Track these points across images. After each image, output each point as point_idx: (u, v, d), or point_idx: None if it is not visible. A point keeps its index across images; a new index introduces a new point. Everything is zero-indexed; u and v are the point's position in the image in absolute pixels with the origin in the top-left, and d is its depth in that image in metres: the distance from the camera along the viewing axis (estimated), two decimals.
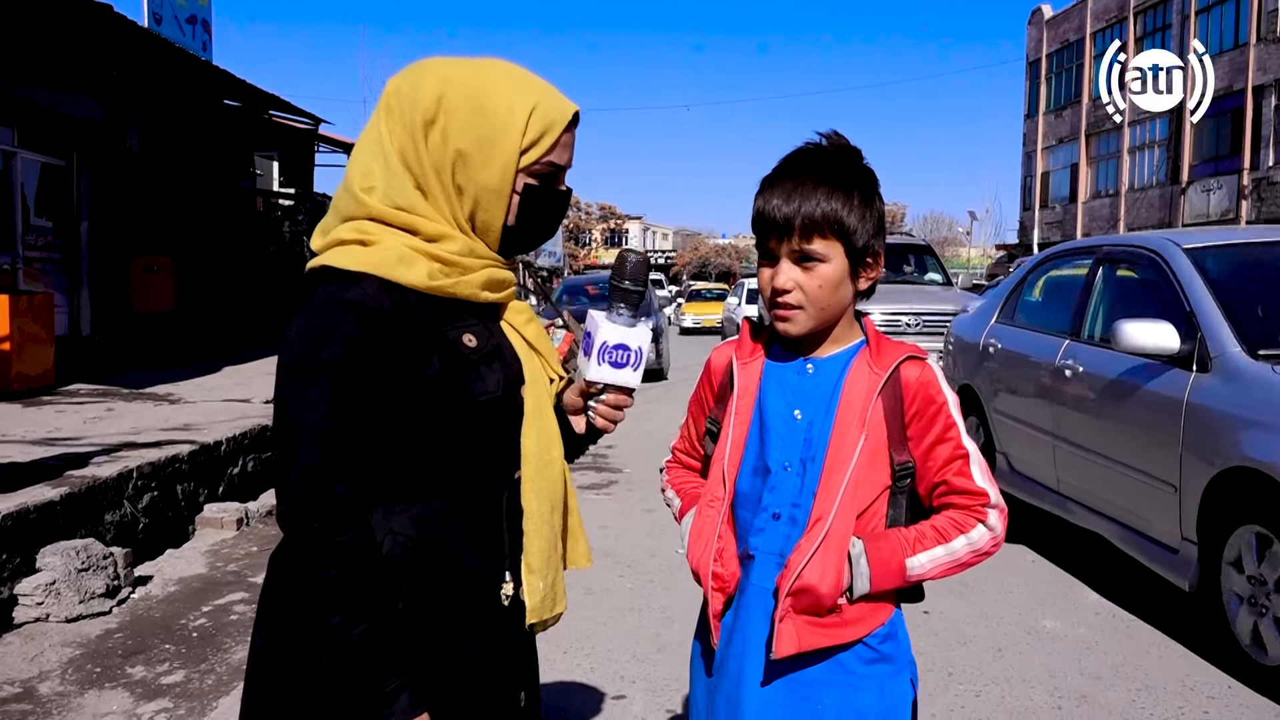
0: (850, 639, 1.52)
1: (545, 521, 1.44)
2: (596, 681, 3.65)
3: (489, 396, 1.38)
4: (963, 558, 1.53)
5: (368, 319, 1.29)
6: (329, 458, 1.27)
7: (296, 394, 1.28)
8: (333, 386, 1.27)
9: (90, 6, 9.83)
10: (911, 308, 10.95)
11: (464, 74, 1.38)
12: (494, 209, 1.39)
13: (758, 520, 1.57)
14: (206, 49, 14.98)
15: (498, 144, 1.36)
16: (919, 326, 10.72)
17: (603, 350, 1.47)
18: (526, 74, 1.43)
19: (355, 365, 1.28)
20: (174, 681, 3.70)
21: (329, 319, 1.29)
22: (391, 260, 1.32)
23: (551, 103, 1.40)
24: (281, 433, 1.29)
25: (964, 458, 1.54)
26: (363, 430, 1.30)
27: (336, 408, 1.27)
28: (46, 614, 4.26)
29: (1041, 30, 39.88)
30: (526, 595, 1.43)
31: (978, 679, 3.69)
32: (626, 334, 1.48)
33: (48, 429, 6.68)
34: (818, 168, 1.51)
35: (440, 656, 1.37)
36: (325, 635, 1.26)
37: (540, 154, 1.39)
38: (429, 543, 1.36)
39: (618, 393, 1.52)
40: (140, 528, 5.33)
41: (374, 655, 1.27)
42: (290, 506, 1.27)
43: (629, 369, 1.49)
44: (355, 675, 1.26)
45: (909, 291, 11.67)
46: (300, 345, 1.29)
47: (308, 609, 1.28)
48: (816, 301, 1.51)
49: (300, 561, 1.28)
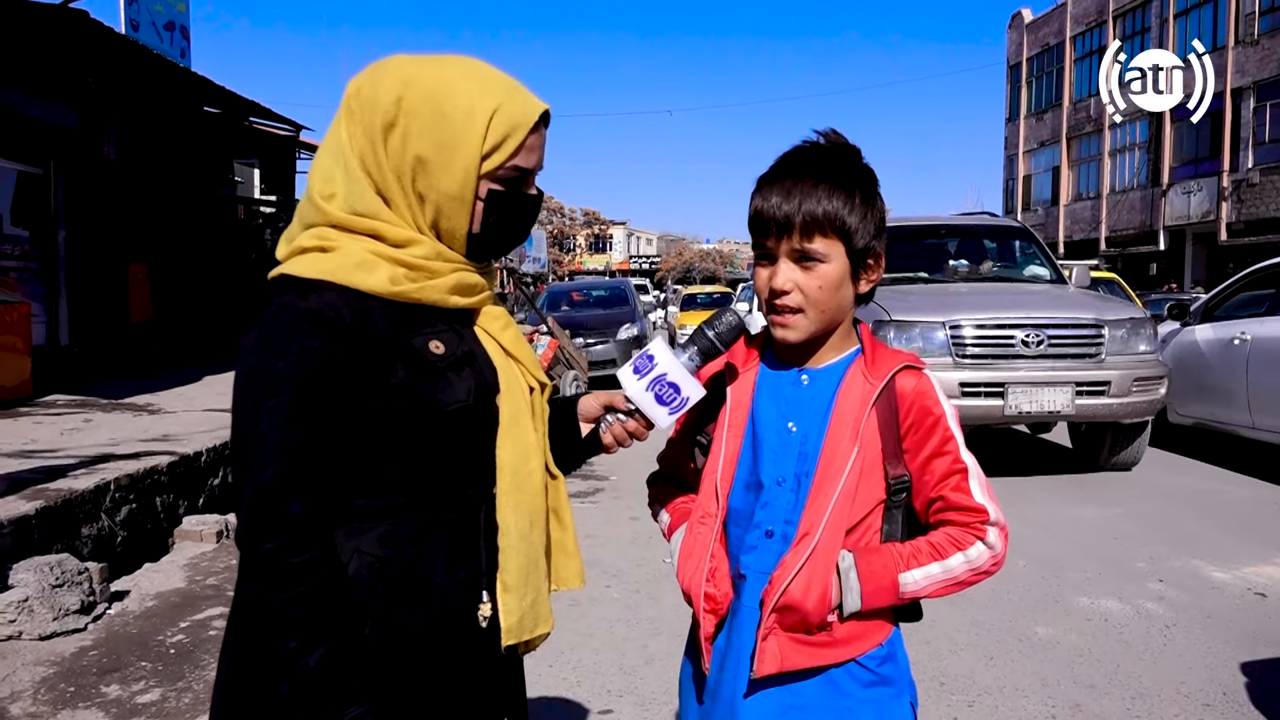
0: (842, 659, 1.46)
1: (523, 538, 1.37)
2: (582, 697, 3.57)
3: (458, 405, 1.31)
4: (961, 576, 1.47)
5: (325, 328, 1.23)
6: (285, 474, 1.21)
7: (251, 407, 1.23)
8: (289, 399, 1.21)
9: (66, 13, 9.72)
10: (1027, 316, 7.19)
11: (424, 74, 1.32)
12: (457, 217, 1.33)
13: (750, 538, 1.50)
14: (185, 55, 14.84)
15: (457, 149, 1.29)
16: (1043, 345, 7.05)
17: (658, 380, 1.45)
18: (491, 72, 1.36)
19: (313, 377, 1.22)
20: (150, 700, 3.60)
21: (285, 329, 1.23)
22: (350, 266, 1.27)
23: (515, 103, 1.33)
24: (237, 448, 1.24)
25: (962, 472, 1.47)
26: (322, 445, 1.23)
27: (293, 421, 1.21)
28: (19, 632, 4.16)
29: (1022, 34, 40.08)
30: (502, 616, 1.36)
31: (970, 688, 3.64)
32: (686, 380, 1.45)
33: (24, 441, 6.56)
34: (817, 166, 1.45)
35: (411, 682, 1.30)
36: (281, 661, 1.20)
37: (503, 159, 1.32)
38: (398, 563, 1.30)
39: (641, 422, 1.48)
40: (118, 541, 5.23)
41: (333, 682, 1.20)
42: (244, 526, 1.21)
43: (667, 409, 1.46)
44: (313, 703, 1.20)
45: (1013, 293, 8.06)
46: (255, 357, 1.24)
47: (264, 633, 1.22)
48: (817, 303, 1.45)
49: (254, 584, 1.22)
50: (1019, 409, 6.97)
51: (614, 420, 1.50)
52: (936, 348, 7.03)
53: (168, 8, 14.43)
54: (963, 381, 6.96)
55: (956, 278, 8.78)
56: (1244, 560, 5.27)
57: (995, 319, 7.20)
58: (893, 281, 8.09)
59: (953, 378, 6.92)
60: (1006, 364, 7.03)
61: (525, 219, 1.41)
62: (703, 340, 1.48)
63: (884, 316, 7.12)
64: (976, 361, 7.07)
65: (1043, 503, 6.78)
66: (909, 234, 9.31)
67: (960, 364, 7.05)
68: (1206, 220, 29.27)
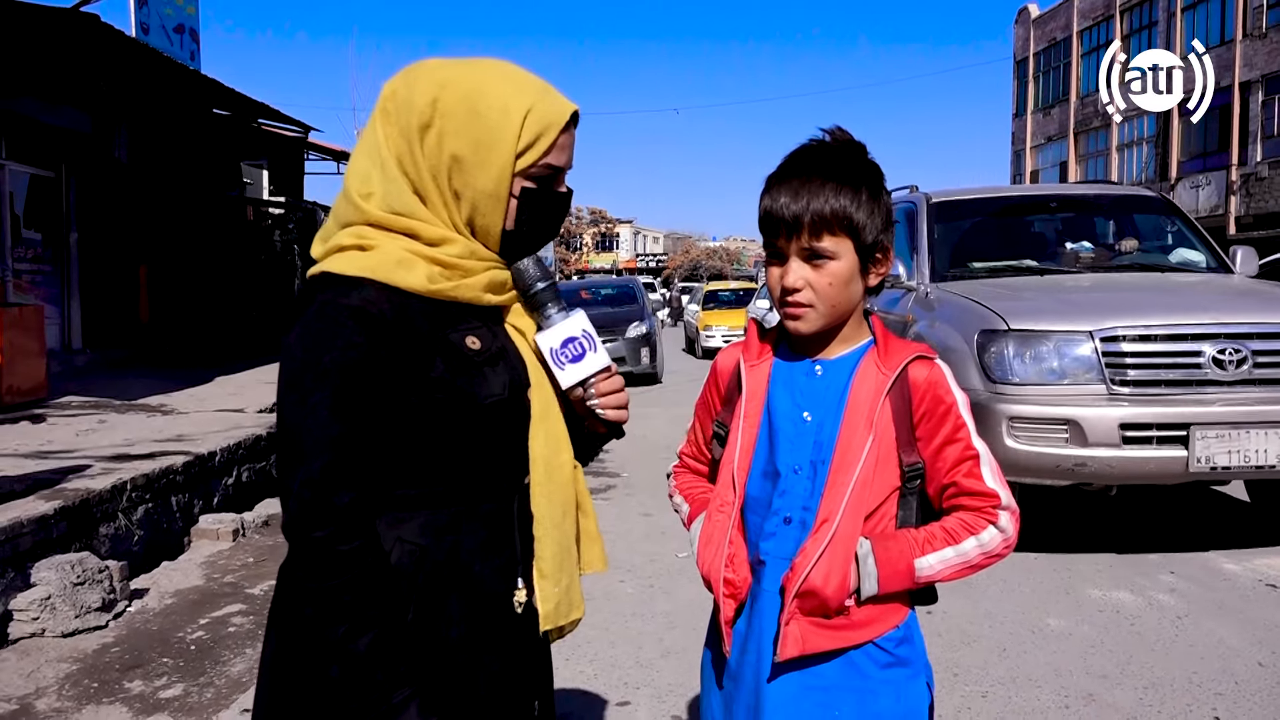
0: (860, 640, 1.50)
1: (556, 526, 1.41)
2: (600, 689, 3.62)
3: (494, 399, 1.36)
4: (973, 559, 1.51)
5: (368, 324, 1.27)
6: (331, 465, 1.25)
7: (297, 401, 1.26)
8: (334, 393, 1.25)
9: (77, 17, 9.78)
10: (1218, 322, 4.95)
11: (459, 76, 1.36)
12: (492, 214, 1.37)
13: (768, 525, 1.55)
14: (195, 58, 14.91)
15: (493, 148, 1.34)
16: (1245, 365, 4.83)
17: (554, 356, 1.44)
18: (523, 74, 1.40)
19: (357, 371, 1.26)
20: (173, 695, 3.66)
21: (328, 325, 1.27)
22: (390, 264, 1.31)
23: (548, 103, 1.37)
24: (283, 441, 1.28)
25: (974, 458, 1.52)
26: (366, 437, 1.27)
27: (338, 414, 1.25)
28: (42, 629, 4.22)
29: (1029, 29, 39.99)
30: (540, 602, 1.40)
31: (984, 679, 3.67)
32: (563, 329, 1.44)
33: (40, 442, 6.63)
34: (824, 164, 1.49)
35: (452, 666, 1.34)
36: (331, 646, 1.24)
37: (537, 157, 1.36)
38: (438, 551, 1.34)
39: (601, 379, 1.46)
40: (135, 540, 5.28)
41: (381, 666, 1.24)
42: (293, 515, 1.25)
43: (589, 354, 1.44)
44: (363, 687, 1.24)
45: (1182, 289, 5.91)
46: (300, 352, 1.27)
47: (313, 619, 1.26)
48: (827, 299, 1.49)
49: (304, 571, 1.26)
50: (1212, 462, 4.70)
51: (592, 403, 1.48)
52: (1082, 369, 4.90)
53: (177, 11, 14.50)
54: (1126, 423, 4.76)
55: (1078, 266, 6.45)
56: (1255, 552, 5.29)
57: (1171, 326, 4.90)
58: (989, 273, 6.25)
59: (1109, 417, 4.77)
60: (1192, 394, 4.83)
61: (556, 216, 1.45)
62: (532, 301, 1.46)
63: (996, 325, 5.04)
64: (1144, 392, 4.85)
65: None
66: (1005, 208, 7.26)
67: (1117, 395, 4.84)
68: (1215, 214, 29.18)
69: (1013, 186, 8.98)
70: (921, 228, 6.53)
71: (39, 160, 11.56)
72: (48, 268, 11.78)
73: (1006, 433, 4.85)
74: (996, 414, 4.87)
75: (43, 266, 11.72)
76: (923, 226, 6.53)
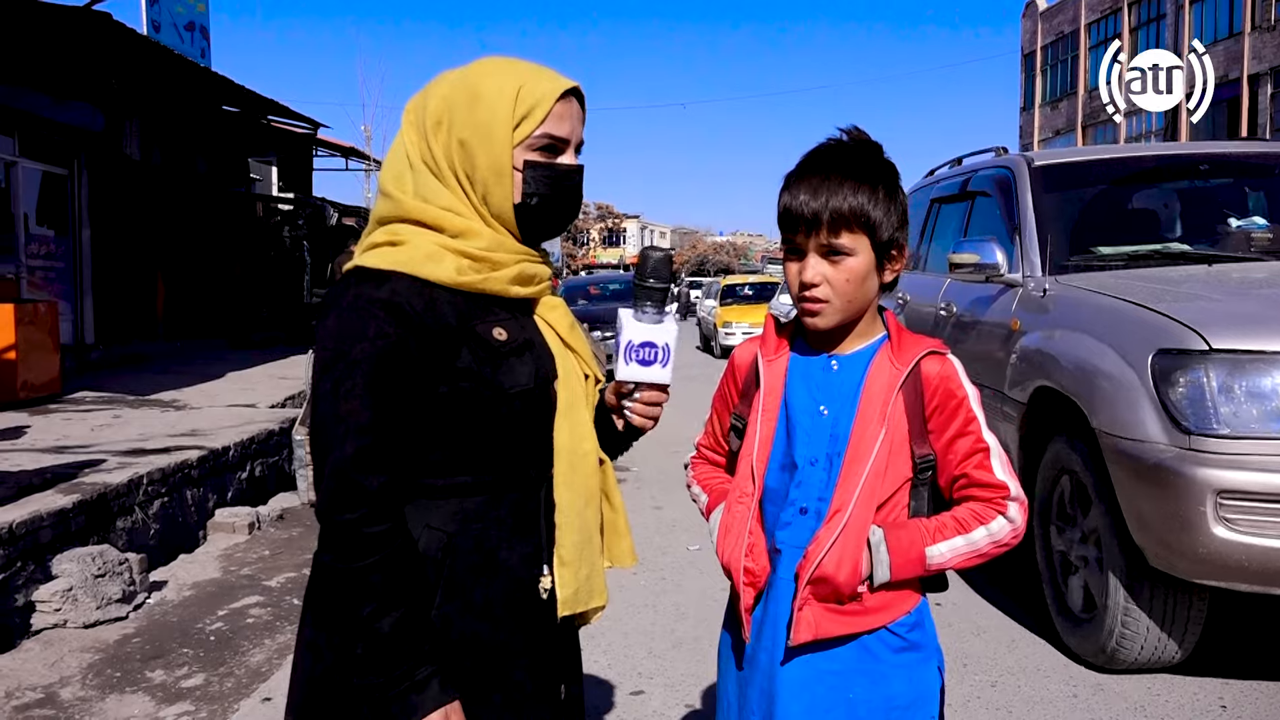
0: (872, 626, 1.56)
1: (578, 514, 1.46)
2: (613, 678, 3.67)
3: (520, 389, 1.41)
4: (983, 548, 1.56)
5: (397, 315, 1.33)
6: (362, 450, 1.31)
7: (331, 389, 1.33)
8: (365, 381, 1.31)
9: (89, 15, 9.85)
10: None
11: (464, 74, 1.46)
12: (499, 189, 1.43)
13: (785, 515, 1.60)
14: (205, 55, 14.99)
15: (492, 125, 1.41)
16: None
17: (629, 349, 1.49)
18: (520, 61, 1.48)
19: (387, 360, 1.32)
20: (194, 685, 3.72)
21: (360, 316, 1.34)
22: (420, 258, 1.37)
23: (540, 78, 1.45)
24: (318, 427, 1.34)
25: (984, 451, 1.57)
26: (396, 423, 1.33)
27: (368, 402, 1.31)
28: (64, 620, 4.29)
29: (1036, 22, 39.90)
30: (558, 588, 1.45)
31: (993, 669, 3.72)
32: (652, 331, 1.50)
33: (56, 437, 6.70)
34: (842, 163, 1.54)
35: (478, 649, 1.39)
36: (358, 624, 1.30)
37: (533, 127, 1.42)
38: (465, 537, 1.39)
39: (650, 389, 1.53)
40: (151, 534, 5.35)
41: (405, 644, 1.30)
42: (324, 498, 1.32)
43: (657, 365, 1.50)
44: (387, 663, 1.30)
45: None
46: (333, 342, 1.34)
47: (341, 599, 1.32)
48: (844, 294, 1.53)
49: (333, 552, 1.32)
50: None
51: (629, 403, 1.55)
52: None
53: (188, 9, 14.58)
54: None
55: (1252, 249, 4.71)
56: None
57: None
58: (1128, 261, 4.50)
59: None
60: None
61: (565, 186, 1.48)
62: (645, 290, 1.52)
63: (1188, 342, 3.30)
64: None
65: None
66: (1137, 174, 5.35)
67: None
68: None
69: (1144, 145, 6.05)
70: (1024, 201, 4.73)
71: (51, 157, 11.65)
72: (61, 264, 11.87)
73: (1213, 515, 3.08)
74: (1194, 485, 3.12)
75: (55, 263, 11.81)
76: (1026, 199, 4.73)
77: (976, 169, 5.61)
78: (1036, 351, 4.08)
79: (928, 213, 6.20)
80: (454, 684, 1.34)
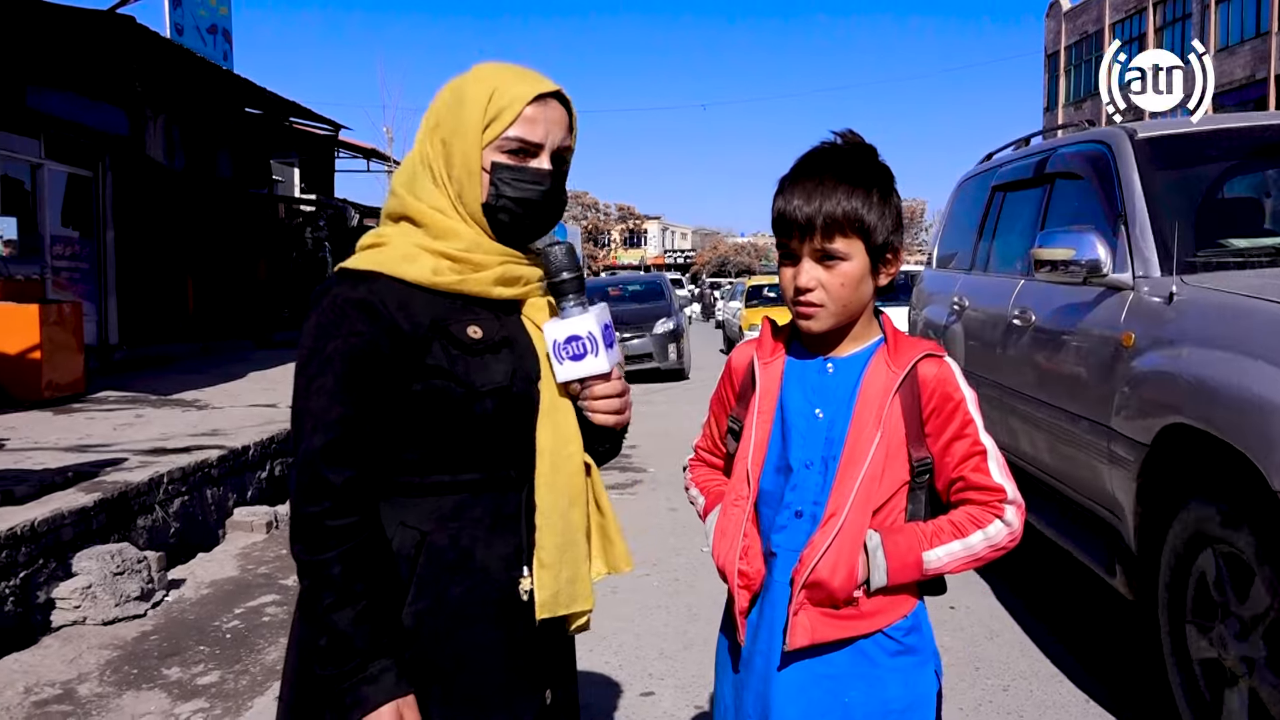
0: (869, 630, 1.55)
1: (561, 516, 1.46)
2: (624, 679, 3.68)
3: (493, 386, 1.42)
4: (979, 552, 1.55)
5: (370, 314, 1.38)
6: (329, 445, 1.34)
7: (304, 384, 1.38)
8: (336, 378, 1.36)
9: (113, 19, 9.97)
10: None
11: (460, 80, 1.50)
12: (470, 189, 1.46)
13: (780, 518, 1.60)
14: (227, 58, 15.12)
15: (465, 125, 1.45)
16: None
17: (556, 350, 1.47)
18: (509, 66, 1.51)
19: (358, 357, 1.36)
20: (209, 682, 3.76)
21: (335, 316, 1.38)
22: (396, 259, 1.42)
23: (517, 81, 1.47)
24: (292, 420, 1.39)
25: (981, 454, 1.56)
26: (366, 419, 1.36)
27: (339, 397, 1.35)
28: (84, 617, 4.34)
29: (1060, 23, 39.63)
30: (536, 589, 1.45)
31: (1005, 673, 3.70)
32: (571, 325, 1.47)
33: (79, 436, 6.78)
34: (836, 166, 1.53)
35: (450, 647, 1.40)
36: (319, 614, 1.33)
37: (501, 129, 1.45)
38: (441, 535, 1.41)
39: (596, 383, 1.49)
40: (171, 532, 5.41)
41: (362, 637, 1.31)
42: (293, 490, 1.36)
43: (589, 356, 1.46)
44: (343, 655, 1.31)
45: None
46: (310, 339, 1.39)
47: (305, 588, 1.35)
48: (839, 299, 1.53)
49: (299, 543, 1.35)
50: None
51: (585, 404, 1.51)
52: None
53: (211, 12, 14.71)
54: None
55: None
56: None
57: None
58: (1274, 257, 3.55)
59: None
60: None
61: (535, 190, 1.47)
62: (554, 289, 1.50)
63: None
64: None
65: None
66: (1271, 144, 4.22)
67: None
68: None
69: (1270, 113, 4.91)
70: (1129, 183, 3.81)
71: (76, 159, 11.79)
72: (85, 265, 12.01)
73: None
74: None
75: (80, 264, 11.95)
76: (1132, 181, 3.80)
77: (1055, 147, 4.73)
78: (1163, 375, 3.08)
79: (987, 203, 5.43)
80: (421, 681, 1.35)
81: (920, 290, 6.67)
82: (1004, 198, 5.23)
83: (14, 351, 8.53)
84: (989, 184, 5.44)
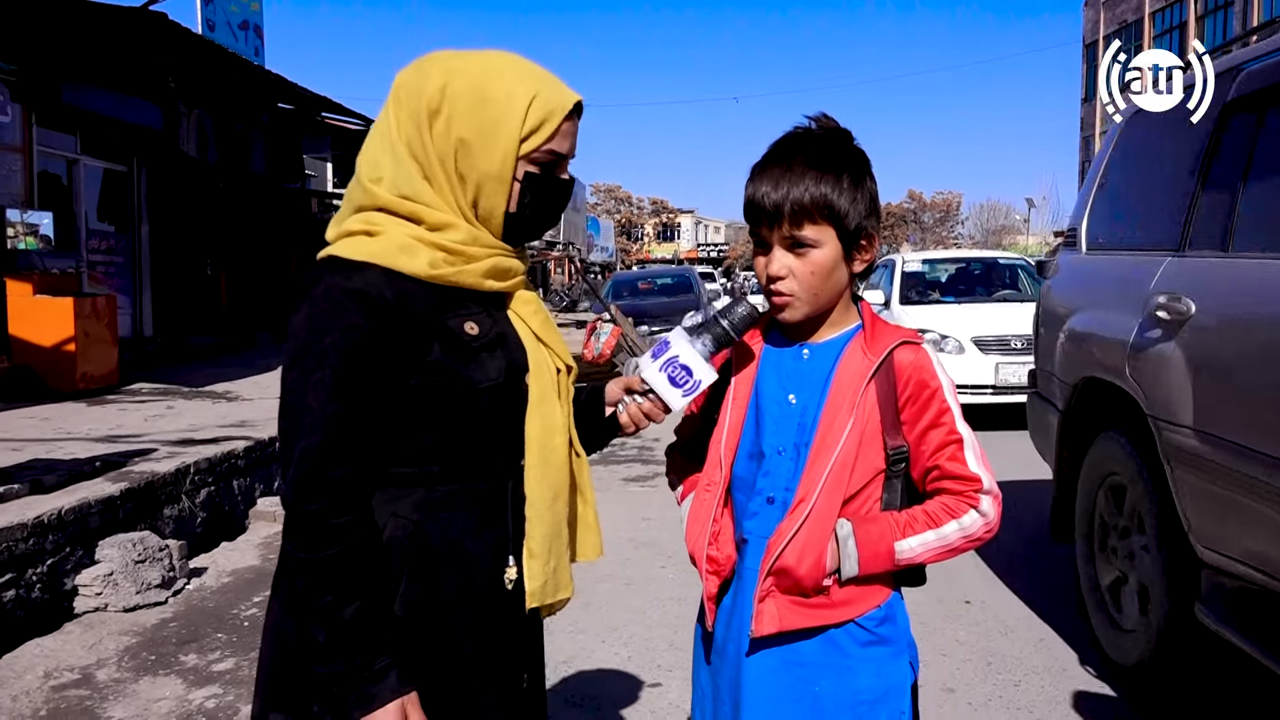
0: (839, 619, 1.53)
1: (548, 508, 1.46)
2: (634, 670, 3.69)
3: (490, 383, 1.41)
4: (954, 543, 1.53)
5: (369, 307, 1.33)
6: (329, 441, 1.31)
7: (299, 379, 1.33)
8: (334, 372, 1.32)
9: (147, 15, 10.10)
10: None
11: (467, 64, 1.42)
12: (495, 196, 1.41)
13: (752, 504, 1.59)
14: (259, 54, 15.28)
15: (498, 132, 1.38)
16: None
17: (670, 362, 1.50)
18: (529, 64, 1.45)
19: (356, 352, 1.32)
20: (224, 669, 3.82)
21: (331, 307, 1.33)
22: (393, 250, 1.36)
23: (552, 91, 1.42)
24: (285, 416, 1.35)
25: (957, 443, 1.53)
26: (364, 415, 1.34)
27: (337, 393, 1.32)
28: (105, 604, 4.42)
29: (1099, 11, 39.02)
30: (527, 579, 1.45)
31: (1018, 669, 3.66)
32: (699, 364, 1.50)
33: (110, 426, 6.90)
34: (806, 151, 1.51)
35: (442, 637, 1.41)
36: (318, 613, 1.31)
37: (540, 141, 1.41)
38: (431, 527, 1.40)
39: (656, 403, 1.54)
40: (197, 521, 5.49)
41: (364, 634, 1.31)
42: (290, 488, 1.33)
43: (680, 392, 1.51)
44: (345, 652, 1.31)
45: None
46: (304, 332, 1.34)
47: (304, 588, 1.33)
48: (810, 287, 1.51)
49: (297, 541, 1.33)
50: None
51: (630, 400, 1.56)
52: None
53: (242, 7, 14.87)
54: None
55: None
56: None
57: None
58: None
59: None
60: None
61: (558, 201, 1.49)
62: (717, 329, 1.53)
63: None
64: None
65: None
66: None
67: None
68: None
69: None
70: None
71: (111, 155, 11.98)
72: (120, 259, 12.21)
73: None
74: None
75: (115, 258, 12.15)
76: None
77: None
78: None
79: (1214, 133, 3.20)
80: (414, 671, 1.35)
81: (1060, 288, 4.42)
82: (1262, 120, 2.98)
83: (49, 344, 8.70)
84: (1218, 100, 3.20)
